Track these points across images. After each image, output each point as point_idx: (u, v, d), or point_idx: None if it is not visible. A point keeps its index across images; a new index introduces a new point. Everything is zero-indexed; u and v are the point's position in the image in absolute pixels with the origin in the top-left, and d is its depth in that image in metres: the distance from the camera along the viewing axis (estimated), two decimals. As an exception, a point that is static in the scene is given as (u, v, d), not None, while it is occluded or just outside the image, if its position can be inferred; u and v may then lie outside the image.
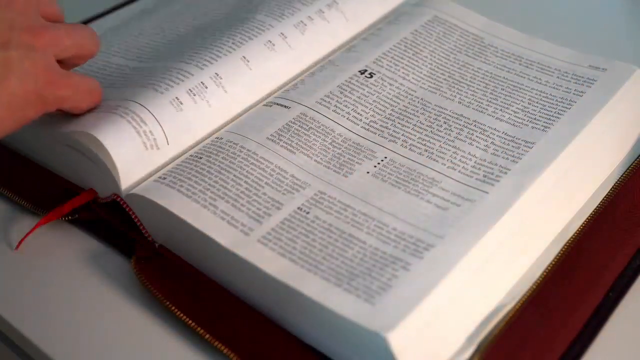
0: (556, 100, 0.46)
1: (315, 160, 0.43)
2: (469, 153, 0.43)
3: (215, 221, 0.39)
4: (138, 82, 0.47)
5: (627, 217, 0.42)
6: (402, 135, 0.44)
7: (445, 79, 0.49)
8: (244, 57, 0.49)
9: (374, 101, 0.47)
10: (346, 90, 0.47)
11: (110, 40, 0.55)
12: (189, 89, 0.46)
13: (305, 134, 0.44)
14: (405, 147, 0.43)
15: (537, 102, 0.46)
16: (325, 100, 0.46)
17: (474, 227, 0.38)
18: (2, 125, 0.38)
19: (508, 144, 0.43)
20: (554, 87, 0.47)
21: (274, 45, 0.50)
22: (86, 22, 0.60)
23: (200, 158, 0.43)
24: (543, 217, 0.40)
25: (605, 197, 0.43)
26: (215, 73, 0.47)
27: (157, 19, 0.57)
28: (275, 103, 0.47)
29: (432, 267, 0.36)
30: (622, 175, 0.44)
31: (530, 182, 0.40)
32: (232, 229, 0.39)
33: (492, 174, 0.41)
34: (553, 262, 0.39)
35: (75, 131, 0.43)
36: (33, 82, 0.38)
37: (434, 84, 0.48)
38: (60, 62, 0.41)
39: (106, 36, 0.56)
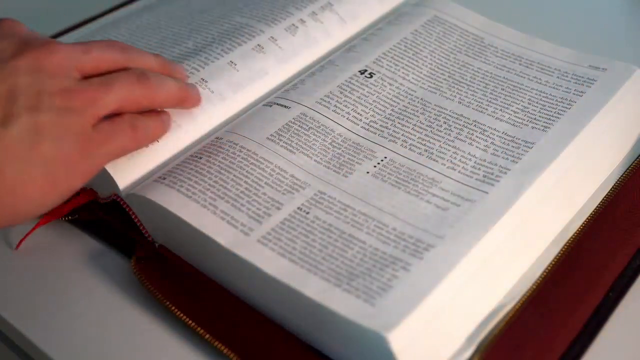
0: (556, 100, 0.46)
1: (315, 160, 0.43)
2: (469, 153, 0.43)
3: (215, 221, 0.39)
4: None
5: (627, 217, 0.42)
6: (402, 135, 0.44)
7: (445, 79, 0.49)
8: (231, 62, 0.49)
9: (373, 101, 0.47)
10: (346, 90, 0.47)
11: (109, 35, 0.55)
12: None
13: (305, 134, 0.44)
14: (405, 147, 0.43)
15: (537, 102, 0.46)
16: (325, 100, 0.46)
17: (474, 227, 0.38)
18: (45, 197, 0.36)
19: (508, 144, 0.43)
20: (554, 87, 0.47)
21: (262, 48, 0.50)
22: (86, 22, 0.60)
23: (200, 158, 0.43)
24: (543, 217, 0.40)
25: (605, 197, 0.43)
26: (202, 78, 0.48)
27: (157, 15, 0.57)
28: (275, 103, 0.47)
29: (432, 267, 0.36)
30: (622, 175, 0.44)
31: (530, 182, 0.40)
32: (232, 229, 0.39)
33: (492, 174, 0.41)
34: (553, 262, 0.39)
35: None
36: (69, 146, 0.36)
37: (434, 84, 0.48)
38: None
39: (105, 30, 0.56)
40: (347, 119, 0.45)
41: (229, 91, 0.48)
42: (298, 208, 0.40)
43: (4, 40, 0.38)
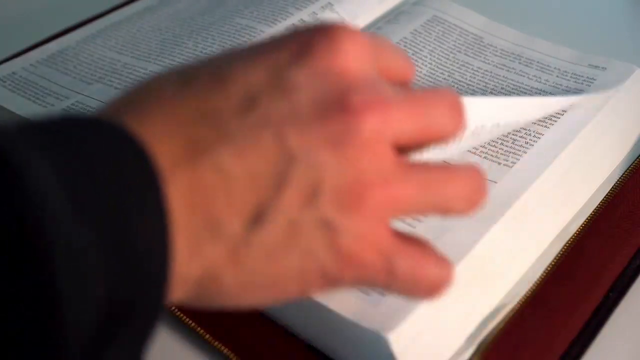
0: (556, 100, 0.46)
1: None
2: (469, 154, 0.43)
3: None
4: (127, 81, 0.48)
5: (627, 217, 0.42)
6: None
7: (445, 79, 0.49)
8: None
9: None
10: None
11: (110, 35, 0.55)
12: None
13: None
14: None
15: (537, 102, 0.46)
16: None
17: (475, 226, 0.38)
18: (264, 302, 0.27)
19: (507, 144, 0.43)
20: (553, 86, 0.47)
21: None
22: (87, 21, 0.60)
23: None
24: (543, 217, 0.40)
25: (605, 197, 0.43)
26: None
27: (158, 16, 0.57)
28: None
29: (432, 267, 0.36)
30: (622, 175, 0.44)
31: (531, 182, 0.40)
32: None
33: (492, 174, 0.41)
34: (553, 262, 0.39)
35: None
36: (318, 261, 0.25)
37: (434, 83, 0.48)
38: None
39: (107, 30, 0.56)
40: None
41: None
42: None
43: (319, 80, 0.25)
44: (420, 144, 0.28)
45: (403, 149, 0.27)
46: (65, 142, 0.21)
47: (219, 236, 0.23)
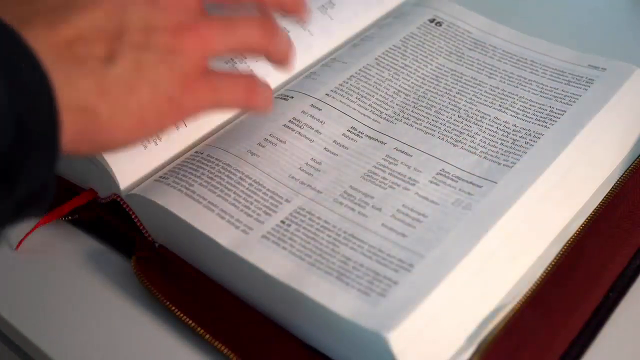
0: (556, 100, 0.46)
1: (317, 160, 0.43)
2: (468, 153, 0.43)
3: (215, 221, 0.39)
4: None
5: (627, 217, 0.42)
6: (403, 133, 0.44)
7: (445, 78, 0.49)
8: (232, 59, 0.49)
9: (373, 103, 0.47)
10: (344, 89, 0.47)
11: None
12: None
13: (318, 121, 0.44)
14: (402, 150, 0.43)
15: (536, 102, 0.46)
16: (337, 91, 0.46)
17: (475, 227, 0.38)
18: (134, 135, 0.34)
19: (507, 144, 0.43)
20: (553, 87, 0.47)
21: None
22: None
23: (202, 154, 0.43)
24: (543, 217, 0.40)
25: (605, 196, 0.43)
26: None
27: None
28: (279, 98, 0.47)
29: (433, 268, 0.36)
30: (622, 175, 0.44)
31: (531, 182, 0.40)
32: (232, 229, 0.39)
33: (492, 174, 0.41)
34: (553, 262, 0.39)
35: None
36: (166, 89, 0.34)
37: (434, 83, 0.48)
38: None
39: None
40: (359, 113, 0.45)
41: None
42: (299, 207, 0.40)
43: None
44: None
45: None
46: None
47: (84, 70, 0.31)
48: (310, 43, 0.52)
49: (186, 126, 0.45)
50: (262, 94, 0.39)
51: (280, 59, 0.39)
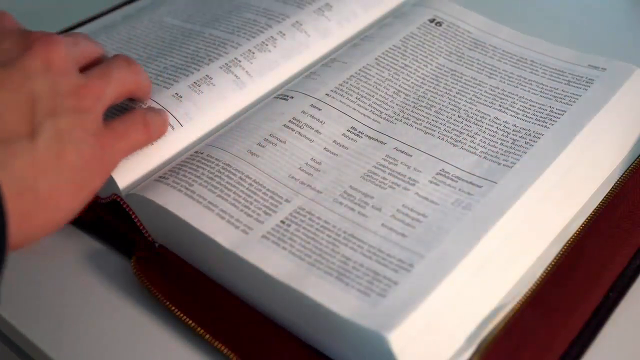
0: (556, 100, 0.46)
1: (316, 160, 0.43)
2: (468, 151, 0.43)
3: (215, 221, 0.39)
4: None
5: (628, 217, 0.42)
6: (403, 132, 0.44)
7: (445, 78, 0.49)
8: (236, 59, 0.49)
9: (373, 103, 0.47)
10: (341, 90, 0.47)
11: (111, 32, 0.55)
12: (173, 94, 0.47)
13: (318, 121, 0.44)
14: (402, 150, 0.43)
15: (536, 102, 0.46)
16: (337, 91, 0.46)
17: (474, 227, 0.38)
18: (74, 203, 0.35)
19: (507, 144, 0.43)
20: (553, 87, 0.47)
21: (267, 45, 0.50)
22: (87, 21, 0.60)
23: (202, 153, 0.43)
24: (543, 217, 0.40)
25: (605, 196, 0.43)
26: (206, 75, 0.48)
27: (159, 15, 0.57)
28: (281, 97, 0.47)
29: (433, 268, 0.36)
30: (622, 175, 0.44)
31: (531, 182, 0.40)
32: (231, 229, 0.39)
33: (492, 174, 0.41)
34: (553, 262, 0.39)
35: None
36: (89, 147, 0.35)
37: (434, 83, 0.48)
38: None
39: (106, 30, 0.56)
40: (360, 112, 0.45)
41: (230, 90, 0.48)
42: (299, 207, 0.40)
43: (5, 38, 0.36)
44: (92, 62, 0.40)
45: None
46: None
47: (14, 150, 0.32)
48: (308, 44, 0.52)
49: (182, 126, 0.45)
50: (160, 124, 0.42)
51: (146, 94, 0.43)
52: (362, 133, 0.44)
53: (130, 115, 0.40)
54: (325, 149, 0.43)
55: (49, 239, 0.44)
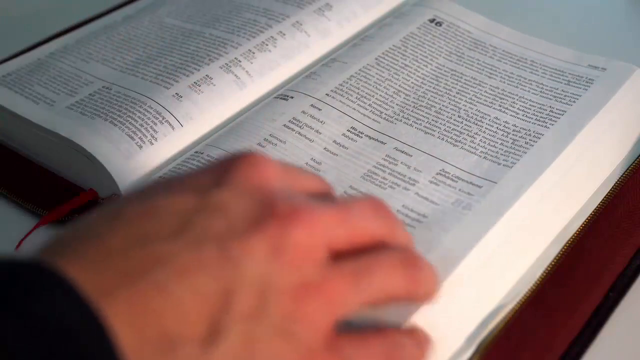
0: (556, 100, 0.46)
1: (316, 161, 0.43)
2: (467, 151, 0.43)
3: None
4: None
5: (627, 217, 0.42)
6: (402, 134, 0.44)
7: (445, 78, 0.49)
8: (236, 59, 0.49)
9: (372, 103, 0.47)
10: (341, 90, 0.47)
11: (111, 33, 0.55)
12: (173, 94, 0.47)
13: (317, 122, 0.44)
14: (402, 150, 0.43)
15: (536, 102, 0.46)
16: (338, 90, 0.46)
17: (474, 227, 0.38)
18: None
19: (507, 144, 0.43)
20: (553, 87, 0.47)
21: (267, 45, 0.50)
22: (87, 21, 0.60)
23: (202, 154, 0.43)
24: (543, 217, 0.40)
25: (605, 197, 0.43)
26: (206, 75, 0.48)
27: (159, 16, 0.57)
28: (281, 97, 0.47)
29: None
30: (622, 175, 0.44)
31: (531, 182, 0.40)
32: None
33: (492, 174, 0.41)
34: (553, 262, 0.39)
35: (72, 132, 0.43)
36: None
37: (434, 83, 0.48)
38: None
39: (106, 31, 0.56)
40: (359, 111, 0.45)
41: (230, 90, 0.48)
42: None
43: (245, 197, 0.27)
44: (355, 246, 0.28)
45: (341, 254, 0.28)
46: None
47: (175, 358, 0.23)
48: (308, 44, 0.52)
49: (182, 126, 0.45)
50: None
51: (425, 299, 0.31)
52: (362, 133, 0.44)
53: (372, 336, 0.29)
54: (325, 149, 0.43)
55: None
